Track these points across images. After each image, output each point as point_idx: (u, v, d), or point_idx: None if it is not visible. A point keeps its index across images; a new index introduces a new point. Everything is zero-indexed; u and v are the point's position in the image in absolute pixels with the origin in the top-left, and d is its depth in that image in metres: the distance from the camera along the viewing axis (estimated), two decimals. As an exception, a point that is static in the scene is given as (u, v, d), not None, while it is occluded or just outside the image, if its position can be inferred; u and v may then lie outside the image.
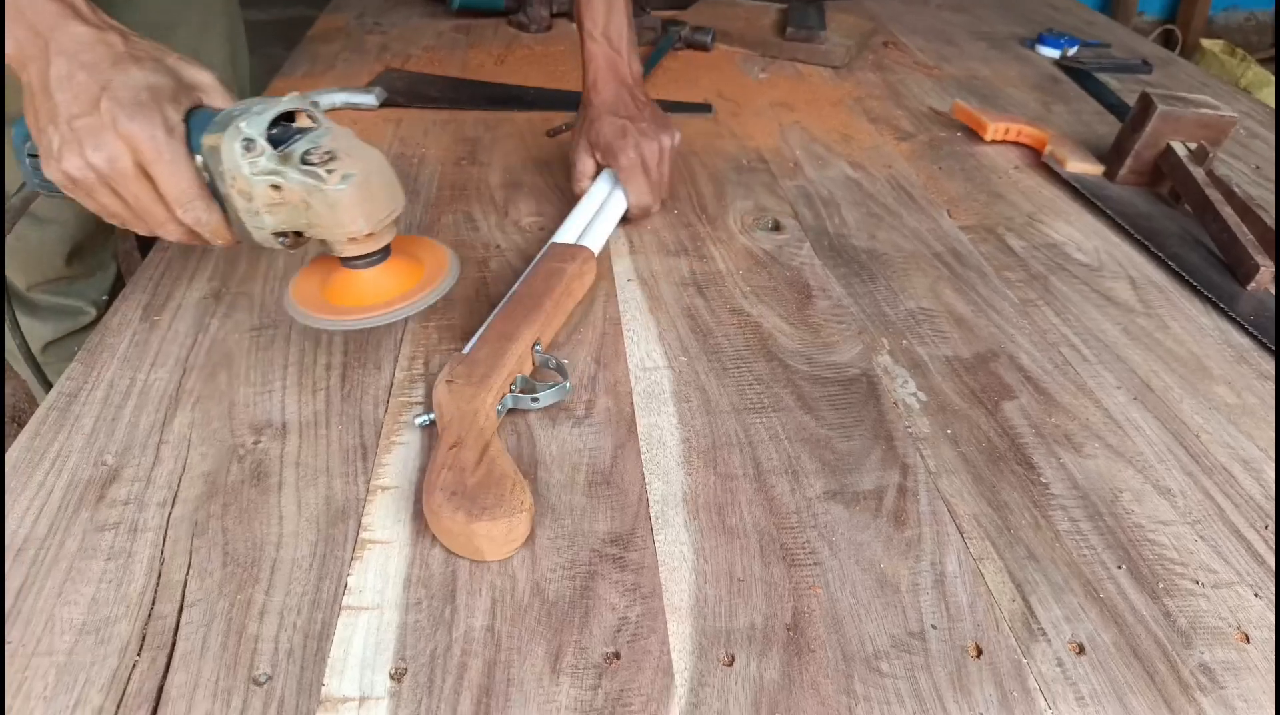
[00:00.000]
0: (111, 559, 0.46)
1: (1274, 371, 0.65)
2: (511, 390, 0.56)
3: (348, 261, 0.54)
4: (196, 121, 0.50)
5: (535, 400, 0.56)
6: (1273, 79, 2.45)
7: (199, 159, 0.49)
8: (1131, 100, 1.02)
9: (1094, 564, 0.48)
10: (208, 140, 0.48)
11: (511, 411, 0.57)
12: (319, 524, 0.49)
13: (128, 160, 0.48)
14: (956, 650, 0.43)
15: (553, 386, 0.57)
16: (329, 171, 0.49)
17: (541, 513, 0.50)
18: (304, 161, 0.49)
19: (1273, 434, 0.58)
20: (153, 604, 0.44)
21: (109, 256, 0.92)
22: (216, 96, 0.52)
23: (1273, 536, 0.51)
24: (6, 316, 0.64)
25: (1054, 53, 1.28)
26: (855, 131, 1.01)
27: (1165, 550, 0.49)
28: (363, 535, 0.48)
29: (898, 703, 0.41)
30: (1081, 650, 0.44)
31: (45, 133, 0.48)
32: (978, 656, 0.43)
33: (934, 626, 0.45)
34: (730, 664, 0.42)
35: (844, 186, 0.89)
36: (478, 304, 0.67)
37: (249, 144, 0.48)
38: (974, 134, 1.01)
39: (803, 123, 1.03)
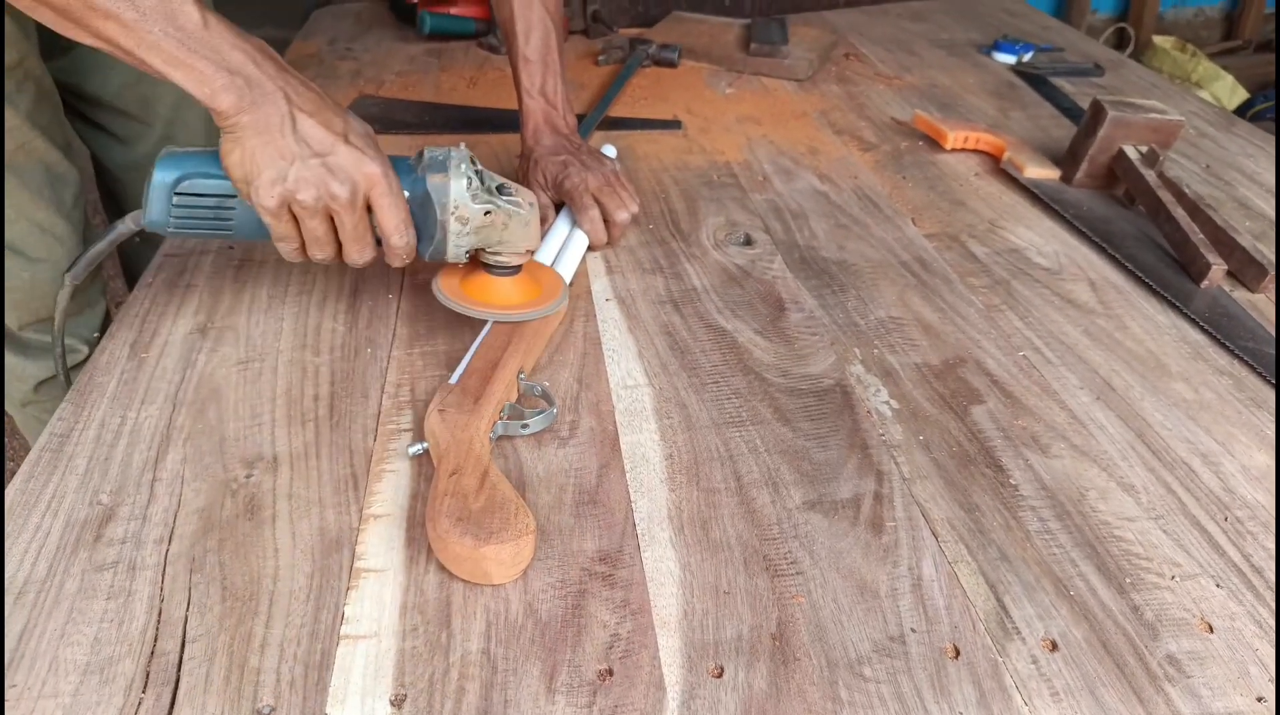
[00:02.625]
0: (112, 598, 0.47)
1: (1229, 366, 0.67)
2: (501, 417, 0.58)
3: (503, 270, 0.64)
4: None
5: (525, 427, 0.58)
6: (1222, 73, 2.52)
7: (405, 193, 0.60)
8: (1085, 104, 1.05)
9: (1063, 562, 0.51)
10: (434, 178, 0.59)
11: (502, 438, 0.58)
12: (314, 555, 0.50)
13: (362, 194, 0.57)
14: (935, 652, 0.45)
15: (540, 413, 0.59)
16: (521, 199, 0.62)
17: (531, 534, 0.52)
18: (501, 192, 0.61)
19: (1228, 427, 0.61)
20: (154, 641, 0.45)
21: (99, 293, 0.92)
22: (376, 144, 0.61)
23: (1232, 527, 0.53)
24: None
25: (1010, 59, 1.32)
26: (821, 143, 1.04)
27: (1131, 546, 0.52)
28: (357, 564, 0.50)
29: (881, 706, 0.43)
30: (1054, 647, 0.46)
31: (275, 167, 0.55)
32: (955, 657, 0.45)
33: (913, 630, 0.46)
34: (719, 675, 0.44)
35: (812, 198, 0.91)
36: (459, 329, 0.69)
37: (469, 180, 0.59)
38: (935, 143, 1.03)
39: (770, 136, 1.06)
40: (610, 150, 0.94)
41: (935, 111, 1.13)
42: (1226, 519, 0.54)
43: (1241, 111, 2.58)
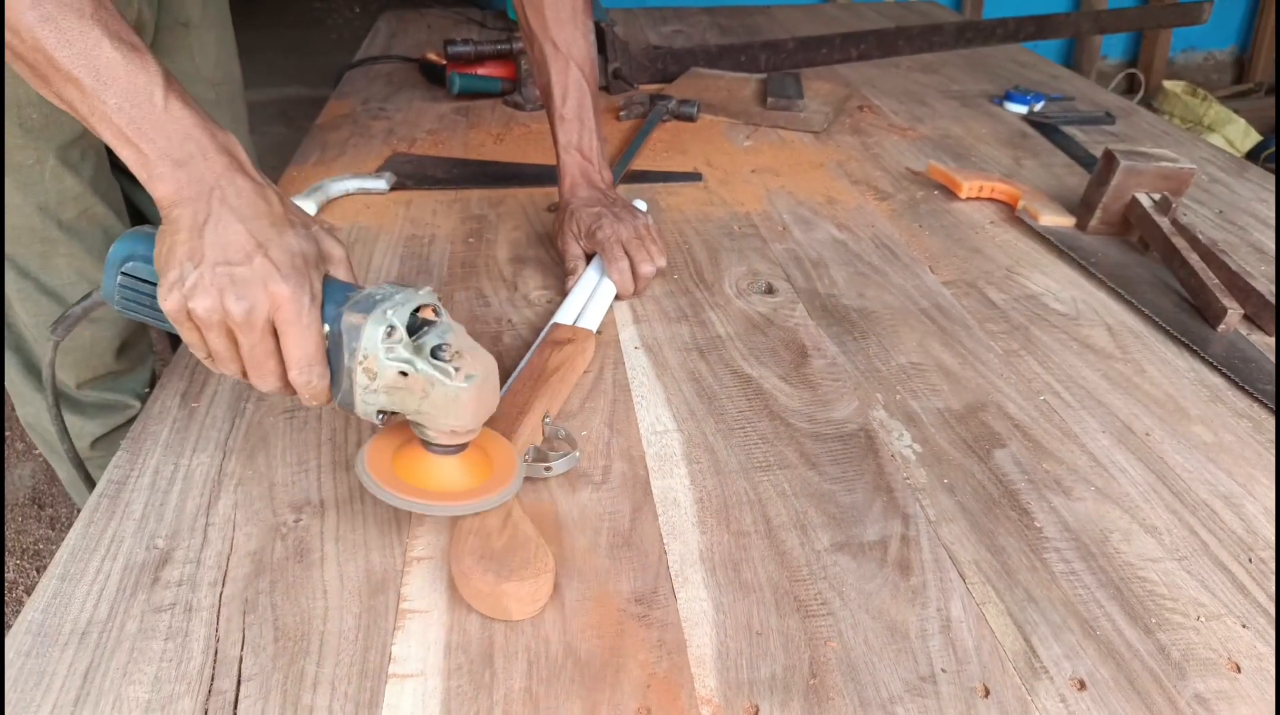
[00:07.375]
0: (170, 639, 0.49)
1: (1248, 409, 0.69)
2: (526, 460, 0.60)
3: (435, 447, 0.54)
4: (327, 292, 0.53)
5: (549, 469, 0.60)
6: (1234, 116, 2.55)
7: (325, 328, 0.52)
8: (1097, 152, 1.07)
9: (1089, 603, 0.52)
10: (350, 318, 0.51)
11: (530, 480, 0.61)
12: (361, 596, 0.52)
13: (264, 316, 0.50)
14: (966, 692, 0.46)
15: (564, 456, 0.61)
16: (456, 368, 0.51)
17: (569, 575, 0.53)
18: (434, 355, 0.51)
19: (1249, 469, 0.62)
20: (212, 680, 0.47)
21: (147, 349, 0.97)
22: (342, 269, 0.55)
23: (1256, 569, 0.54)
24: (53, 417, 0.67)
25: (1021, 109, 1.35)
26: (838, 193, 1.07)
27: (1155, 586, 0.53)
28: (403, 605, 0.51)
29: (914, 742, 0.44)
30: (1083, 686, 0.47)
31: (181, 268, 0.51)
32: (986, 697, 0.46)
33: (943, 670, 0.48)
34: (755, 714, 0.45)
35: (831, 247, 0.94)
36: (494, 378, 0.71)
37: (390, 330, 0.51)
38: (950, 192, 1.06)
39: (788, 187, 1.09)
40: (642, 205, 0.97)
41: (949, 161, 1.16)
42: (1250, 560, 0.55)
43: (1255, 154, 2.60)
